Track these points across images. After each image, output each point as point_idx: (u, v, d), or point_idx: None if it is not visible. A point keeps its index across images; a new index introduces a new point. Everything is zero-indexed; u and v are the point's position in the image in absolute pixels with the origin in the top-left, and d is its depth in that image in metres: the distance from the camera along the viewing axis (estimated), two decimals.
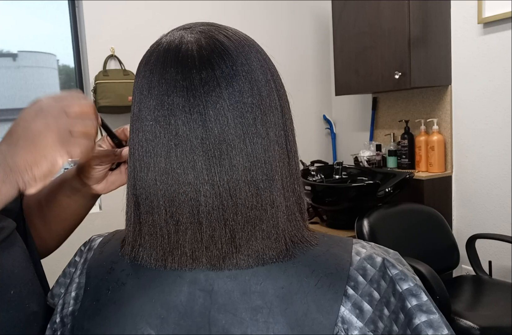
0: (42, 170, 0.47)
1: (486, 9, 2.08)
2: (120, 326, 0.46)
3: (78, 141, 0.49)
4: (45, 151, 0.47)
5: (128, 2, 2.48)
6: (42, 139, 0.47)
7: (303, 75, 3.05)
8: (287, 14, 2.97)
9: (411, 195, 2.28)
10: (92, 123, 0.51)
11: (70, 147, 0.48)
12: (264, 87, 0.47)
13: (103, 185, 0.68)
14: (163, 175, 0.45)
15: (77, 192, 0.69)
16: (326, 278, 0.45)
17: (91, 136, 0.51)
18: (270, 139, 0.46)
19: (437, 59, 2.27)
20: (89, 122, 0.51)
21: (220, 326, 0.44)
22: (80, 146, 0.49)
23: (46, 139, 0.47)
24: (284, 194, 0.47)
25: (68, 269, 0.61)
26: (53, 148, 0.47)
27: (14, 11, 2.40)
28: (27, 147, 0.47)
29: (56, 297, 0.60)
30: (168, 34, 0.49)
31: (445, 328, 0.44)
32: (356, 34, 2.48)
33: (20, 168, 0.46)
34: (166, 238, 0.46)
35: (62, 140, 0.48)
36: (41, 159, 0.47)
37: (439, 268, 1.80)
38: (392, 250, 0.51)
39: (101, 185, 0.68)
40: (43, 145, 0.47)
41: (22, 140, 0.47)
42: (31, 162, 0.46)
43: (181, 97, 0.44)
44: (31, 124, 0.48)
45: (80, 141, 0.49)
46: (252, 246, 0.45)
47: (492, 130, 2.16)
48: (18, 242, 0.58)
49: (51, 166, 0.47)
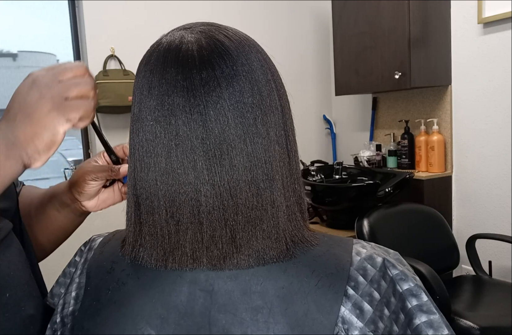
0: (44, 141, 0.46)
1: (486, 9, 2.08)
2: (120, 326, 0.46)
3: (76, 105, 0.48)
4: (43, 122, 0.46)
5: (128, 2, 2.48)
6: (39, 110, 0.46)
7: (303, 75, 3.05)
8: (287, 14, 2.97)
9: (411, 195, 2.28)
10: (87, 83, 0.50)
11: (68, 113, 0.47)
12: (265, 87, 0.47)
13: (94, 202, 0.67)
14: (163, 175, 0.45)
15: (66, 207, 0.67)
16: (326, 278, 0.45)
17: (89, 97, 0.49)
18: (271, 139, 0.46)
19: (437, 59, 2.27)
20: (83, 83, 0.49)
21: (220, 326, 0.44)
22: (78, 109, 0.48)
23: (42, 109, 0.46)
24: (284, 193, 0.47)
25: (68, 269, 0.61)
26: (51, 117, 0.46)
27: (14, 11, 2.40)
28: (25, 120, 0.46)
29: (56, 297, 0.60)
30: (168, 34, 0.49)
31: (445, 328, 0.44)
32: (356, 34, 2.48)
33: (21, 141, 0.45)
34: (166, 238, 0.46)
35: (59, 108, 0.47)
36: (41, 130, 0.46)
37: (439, 268, 1.80)
38: (392, 250, 0.51)
39: (92, 202, 0.67)
40: (41, 116, 0.46)
41: (20, 114, 0.46)
42: (31, 135, 0.46)
43: (181, 97, 0.44)
44: (26, 97, 0.47)
45: (78, 104, 0.48)
46: (253, 246, 0.45)
47: (492, 130, 2.16)
48: (15, 243, 0.57)
49: (53, 136, 0.47)
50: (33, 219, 0.69)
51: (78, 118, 0.48)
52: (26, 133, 0.46)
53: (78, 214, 0.69)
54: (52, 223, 0.69)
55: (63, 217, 0.68)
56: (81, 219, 0.71)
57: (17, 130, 0.46)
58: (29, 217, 0.69)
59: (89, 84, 0.50)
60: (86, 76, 0.51)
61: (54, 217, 0.68)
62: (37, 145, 0.46)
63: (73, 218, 0.69)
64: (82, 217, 0.71)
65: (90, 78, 0.51)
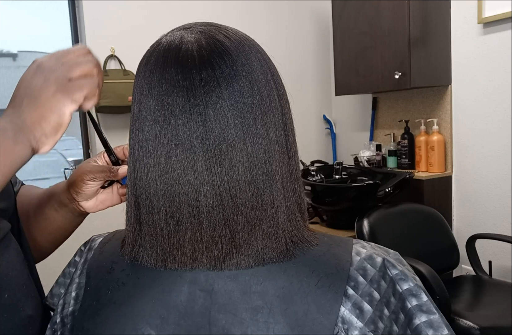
0: (51, 124, 0.46)
1: (486, 9, 2.08)
2: (120, 326, 0.46)
3: (79, 84, 0.48)
4: (49, 105, 0.46)
5: (128, 2, 2.48)
6: (43, 93, 0.47)
7: (303, 75, 3.05)
8: (287, 14, 2.96)
9: (411, 195, 2.28)
10: (89, 61, 0.50)
11: (73, 94, 0.47)
12: (264, 87, 0.47)
13: (92, 203, 0.66)
14: (163, 175, 0.45)
15: (65, 207, 0.67)
16: (326, 278, 0.45)
17: (92, 75, 0.50)
18: (270, 139, 0.46)
19: (437, 59, 2.27)
20: (84, 62, 0.50)
21: (220, 326, 0.44)
22: (81, 89, 0.48)
23: (47, 92, 0.47)
24: (284, 194, 0.47)
25: (68, 269, 0.61)
26: (56, 99, 0.47)
27: (14, 11, 2.40)
28: (31, 104, 0.46)
29: (55, 297, 0.60)
30: (168, 34, 0.49)
31: (445, 328, 0.44)
32: (356, 34, 2.48)
33: (28, 125, 0.46)
34: (166, 238, 0.46)
35: (63, 89, 0.47)
36: (47, 113, 0.46)
37: (439, 268, 1.80)
38: (392, 250, 0.51)
39: (90, 203, 0.66)
40: (46, 99, 0.46)
41: (26, 99, 0.47)
42: (38, 118, 0.46)
43: (181, 97, 0.44)
44: (31, 82, 0.48)
45: (81, 83, 0.48)
46: (252, 246, 0.45)
47: (492, 130, 2.16)
48: (13, 244, 0.57)
49: (59, 119, 0.47)
50: (32, 219, 0.68)
51: (84, 98, 0.48)
52: (32, 117, 0.46)
53: (77, 214, 0.68)
54: (50, 223, 0.68)
55: (62, 217, 0.68)
56: (80, 219, 0.71)
57: (23, 114, 0.46)
58: (28, 217, 0.69)
59: (91, 62, 0.50)
60: (88, 55, 0.51)
61: (52, 217, 0.68)
62: (44, 128, 0.46)
63: (72, 218, 0.69)
64: (80, 217, 0.70)
65: (91, 56, 0.51)
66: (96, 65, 0.51)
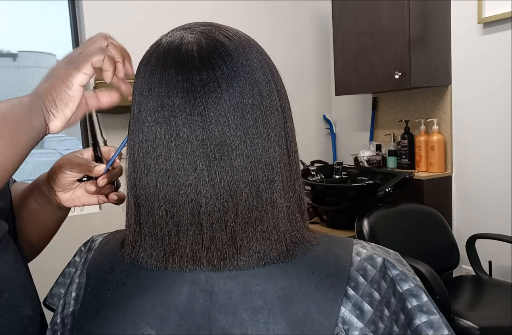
0: (60, 94, 0.49)
1: (486, 9, 2.08)
2: (120, 326, 0.46)
3: (85, 54, 0.50)
4: (59, 75, 0.50)
5: (128, 2, 2.48)
6: (57, 67, 0.51)
7: (303, 75, 3.05)
8: (287, 14, 2.96)
9: (411, 195, 2.28)
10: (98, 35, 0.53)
11: (79, 64, 0.50)
12: (265, 88, 0.47)
13: (68, 195, 0.66)
14: (163, 176, 0.45)
15: (44, 197, 0.67)
16: (326, 279, 0.45)
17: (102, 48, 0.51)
18: (271, 140, 0.46)
19: (437, 59, 2.27)
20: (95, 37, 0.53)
21: (220, 326, 0.44)
22: (87, 58, 0.50)
23: (60, 66, 0.51)
24: (284, 194, 0.47)
25: (68, 269, 0.61)
26: (64, 70, 0.50)
27: (14, 11, 2.40)
28: (48, 79, 0.50)
29: (55, 297, 0.60)
30: (168, 35, 0.49)
31: (445, 328, 0.44)
32: (356, 34, 2.48)
33: (40, 93, 0.49)
34: (166, 239, 0.46)
35: (72, 61, 0.50)
36: (57, 82, 0.49)
37: (439, 268, 1.80)
38: (392, 251, 0.51)
39: (66, 195, 0.66)
40: (57, 71, 0.50)
41: (47, 78, 0.51)
42: (49, 87, 0.49)
43: (181, 98, 0.44)
44: (55, 67, 0.52)
45: (87, 53, 0.50)
46: (253, 247, 0.45)
47: (492, 130, 2.16)
48: (11, 244, 0.57)
49: (67, 89, 0.49)
50: (16, 212, 0.68)
51: (92, 68, 0.50)
52: (45, 86, 0.49)
53: (55, 207, 0.68)
54: (32, 216, 0.68)
55: (42, 210, 0.68)
56: (60, 214, 0.70)
57: (39, 86, 0.50)
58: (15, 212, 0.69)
59: (101, 35, 0.53)
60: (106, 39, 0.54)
61: (34, 209, 0.68)
62: (54, 97, 0.49)
63: (51, 211, 0.69)
64: (60, 211, 0.70)
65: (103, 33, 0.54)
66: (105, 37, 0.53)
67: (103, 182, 0.61)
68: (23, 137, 0.45)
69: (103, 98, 0.57)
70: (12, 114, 0.45)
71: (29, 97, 0.48)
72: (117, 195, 0.65)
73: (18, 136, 0.45)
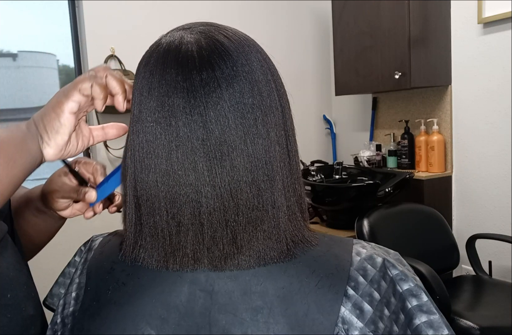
0: (50, 121, 0.49)
1: (486, 9, 2.08)
2: (121, 326, 0.46)
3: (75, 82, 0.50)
4: (51, 102, 0.50)
5: (128, 2, 2.48)
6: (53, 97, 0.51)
7: (303, 75, 3.05)
8: (287, 14, 2.96)
9: (411, 195, 2.28)
10: (96, 68, 0.53)
11: (68, 92, 0.50)
12: (265, 88, 0.47)
13: (68, 211, 0.67)
14: (164, 176, 0.45)
15: (43, 213, 0.68)
16: (326, 279, 0.45)
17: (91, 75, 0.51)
18: (271, 139, 0.46)
19: (437, 59, 2.27)
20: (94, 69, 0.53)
21: (220, 326, 0.44)
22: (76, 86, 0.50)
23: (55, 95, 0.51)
24: (285, 194, 0.47)
25: (68, 269, 0.61)
26: (57, 97, 0.50)
27: (14, 11, 2.40)
28: (42, 108, 0.51)
29: (55, 296, 0.60)
30: (167, 35, 0.49)
31: (445, 328, 0.44)
32: (356, 34, 2.48)
33: (35, 119, 0.50)
34: (167, 239, 0.46)
35: (64, 90, 0.51)
36: (48, 109, 0.50)
37: (439, 268, 1.80)
38: (392, 250, 0.51)
39: (67, 212, 0.67)
40: (51, 99, 0.51)
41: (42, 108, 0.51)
42: (42, 114, 0.50)
43: (181, 98, 0.44)
44: (51, 98, 0.52)
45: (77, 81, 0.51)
46: (254, 246, 0.45)
47: (492, 130, 2.16)
48: (10, 244, 0.57)
49: (57, 116, 0.49)
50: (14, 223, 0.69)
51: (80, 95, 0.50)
52: (39, 114, 0.50)
53: (57, 219, 0.70)
54: (32, 226, 0.70)
55: (42, 221, 0.69)
56: (62, 222, 0.72)
57: (35, 114, 0.51)
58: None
59: (100, 67, 0.53)
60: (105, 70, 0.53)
61: (33, 221, 0.69)
62: (45, 124, 0.49)
63: (52, 222, 0.70)
64: (61, 220, 0.71)
65: (103, 66, 0.54)
66: (103, 69, 0.52)
67: (100, 209, 0.64)
68: (20, 162, 0.46)
69: (110, 131, 0.56)
70: (9, 139, 0.45)
71: (27, 123, 0.49)
72: (115, 206, 0.67)
73: (14, 160, 0.45)
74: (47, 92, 2.54)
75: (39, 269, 0.68)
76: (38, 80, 2.52)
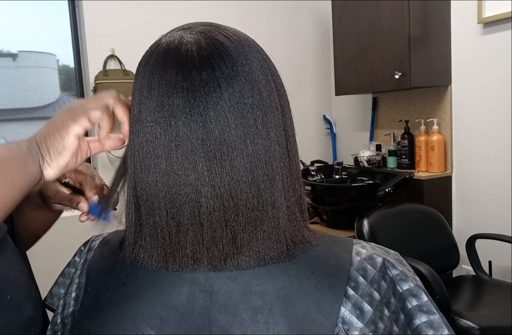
0: (54, 143, 0.48)
1: (486, 9, 2.08)
2: (120, 327, 0.46)
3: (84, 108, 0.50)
4: (56, 124, 0.49)
5: (128, 2, 2.48)
6: (57, 117, 0.50)
7: (303, 75, 3.05)
8: (287, 14, 2.96)
9: (411, 195, 2.28)
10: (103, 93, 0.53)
11: (76, 116, 0.50)
12: (265, 88, 0.47)
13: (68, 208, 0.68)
14: (164, 176, 0.45)
15: (44, 208, 0.69)
16: (326, 279, 0.45)
17: (104, 104, 0.51)
18: (271, 139, 0.46)
19: (437, 59, 2.27)
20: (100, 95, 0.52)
21: (220, 326, 0.44)
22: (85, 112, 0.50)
23: (59, 115, 0.50)
24: (285, 194, 0.47)
25: (67, 269, 0.60)
26: (62, 120, 0.50)
27: (14, 11, 2.40)
28: (45, 126, 0.50)
29: (55, 297, 0.60)
30: (167, 35, 0.49)
31: (445, 328, 0.44)
32: (356, 34, 2.48)
33: (37, 140, 0.49)
34: (167, 239, 0.46)
35: (71, 113, 0.50)
36: (53, 130, 0.49)
37: (439, 268, 1.80)
38: (392, 251, 0.51)
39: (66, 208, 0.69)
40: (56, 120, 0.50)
41: (46, 123, 0.51)
42: (45, 135, 0.49)
43: (181, 98, 0.44)
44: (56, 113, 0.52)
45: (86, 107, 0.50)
46: (253, 246, 0.45)
47: (492, 130, 2.16)
48: (10, 244, 0.57)
49: (62, 139, 0.49)
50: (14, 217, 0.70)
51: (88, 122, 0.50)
52: (42, 133, 0.49)
53: (57, 213, 0.71)
54: (32, 220, 0.71)
55: (42, 215, 0.71)
56: (61, 212, 0.73)
57: (37, 133, 0.50)
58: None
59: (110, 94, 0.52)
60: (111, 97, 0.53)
61: (33, 215, 0.70)
62: (48, 145, 0.48)
63: (52, 215, 0.72)
64: (61, 212, 0.73)
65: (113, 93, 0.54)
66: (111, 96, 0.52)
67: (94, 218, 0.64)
68: (19, 183, 0.46)
69: (107, 143, 0.56)
70: (9, 159, 0.45)
71: (28, 142, 0.49)
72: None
73: (13, 181, 0.45)
74: (47, 92, 2.54)
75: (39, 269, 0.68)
76: (38, 80, 2.52)
